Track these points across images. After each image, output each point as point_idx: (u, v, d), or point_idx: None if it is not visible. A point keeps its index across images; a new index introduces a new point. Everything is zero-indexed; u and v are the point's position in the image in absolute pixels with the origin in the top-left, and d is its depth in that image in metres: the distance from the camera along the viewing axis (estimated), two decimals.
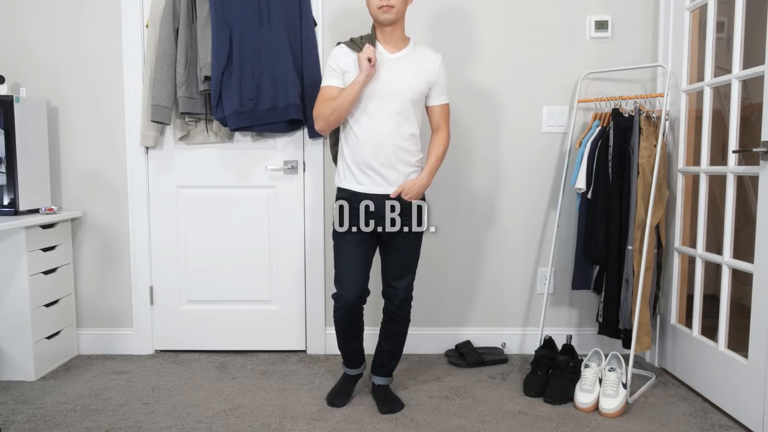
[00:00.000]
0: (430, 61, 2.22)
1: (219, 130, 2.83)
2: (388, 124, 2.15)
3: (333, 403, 2.33)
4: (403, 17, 2.19)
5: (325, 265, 2.93)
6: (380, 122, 2.14)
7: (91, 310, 2.97)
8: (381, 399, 2.33)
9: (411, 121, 2.19)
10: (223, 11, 2.61)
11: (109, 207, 2.93)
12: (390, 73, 2.16)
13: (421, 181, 2.21)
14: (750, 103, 3.59)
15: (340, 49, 2.21)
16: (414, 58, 2.21)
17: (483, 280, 2.96)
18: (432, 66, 2.22)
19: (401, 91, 2.15)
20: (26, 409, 2.32)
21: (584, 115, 2.88)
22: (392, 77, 2.16)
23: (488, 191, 2.92)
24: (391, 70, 2.17)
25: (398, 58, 2.19)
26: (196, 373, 2.72)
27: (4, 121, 2.57)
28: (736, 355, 2.23)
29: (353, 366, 2.39)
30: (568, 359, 2.49)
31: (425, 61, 2.22)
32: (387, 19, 2.13)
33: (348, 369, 2.40)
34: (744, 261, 2.23)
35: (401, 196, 2.20)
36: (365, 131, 2.15)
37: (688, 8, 2.57)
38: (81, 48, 2.86)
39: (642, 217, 2.50)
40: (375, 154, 2.15)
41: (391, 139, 2.15)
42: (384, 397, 2.33)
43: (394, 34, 2.19)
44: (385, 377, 2.37)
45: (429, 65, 2.22)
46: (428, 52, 2.25)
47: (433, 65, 2.22)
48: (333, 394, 2.36)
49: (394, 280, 2.26)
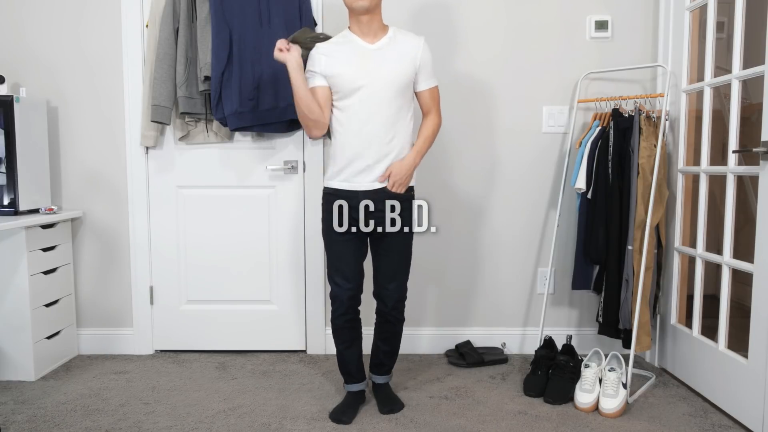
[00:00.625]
0: (412, 46, 2.14)
1: (219, 130, 2.83)
2: (376, 117, 2.09)
3: (339, 419, 2.19)
4: (379, 5, 2.12)
5: (324, 265, 2.93)
6: (368, 115, 2.09)
7: (91, 310, 2.97)
8: (381, 398, 2.32)
9: (400, 111, 2.13)
10: (223, 11, 2.61)
11: (109, 207, 2.93)
12: (370, 63, 2.10)
13: (408, 161, 2.14)
14: (750, 103, 3.59)
15: (320, 49, 2.15)
16: (395, 46, 2.13)
17: (483, 280, 2.96)
18: (415, 50, 2.14)
19: (386, 80, 2.09)
20: (26, 409, 2.32)
21: (584, 115, 2.88)
22: (374, 68, 2.10)
23: (488, 191, 2.92)
24: (372, 61, 2.11)
25: (378, 48, 2.13)
26: (196, 373, 2.72)
27: (4, 121, 2.57)
28: (736, 355, 2.23)
29: (355, 380, 2.31)
30: (568, 359, 2.49)
31: (407, 46, 2.14)
32: (361, 6, 2.05)
33: (350, 386, 2.32)
34: (744, 261, 2.23)
35: (390, 180, 2.13)
36: (353, 126, 2.11)
37: (688, 8, 2.57)
38: (81, 48, 2.86)
39: (642, 217, 2.50)
40: (364, 149, 2.11)
41: (380, 132, 2.10)
42: (384, 396, 2.32)
43: (372, 24, 2.12)
44: (384, 375, 2.37)
45: (412, 50, 2.14)
46: (409, 37, 2.17)
47: (416, 49, 2.14)
48: (338, 411, 2.23)
49: (387, 282, 2.22)
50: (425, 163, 2.89)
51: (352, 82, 2.09)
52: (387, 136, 2.12)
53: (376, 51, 2.13)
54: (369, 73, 2.10)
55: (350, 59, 2.11)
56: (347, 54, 2.12)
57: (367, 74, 2.09)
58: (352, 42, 2.15)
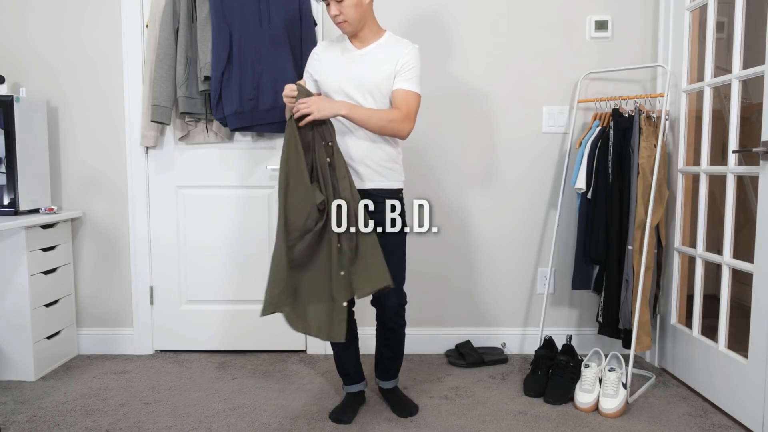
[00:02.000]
0: (397, 51, 2.10)
1: (219, 130, 2.83)
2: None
3: (339, 419, 2.20)
4: (366, 19, 2.09)
5: None
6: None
7: (91, 310, 2.97)
8: (395, 403, 2.30)
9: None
10: (223, 11, 2.61)
11: (109, 207, 2.93)
12: (352, 68, 2.11)
13: (333, 101, 2.04)
14: (750, 103, 3.59)
15: (316, 49, 2.19)
16: (381, 51, 2.12)
17: (483, 280, 2.96)
18: (398, 55, 2.09)
19: (365, 84, 2.08)
20: (26, 409, 2.32)
21: (584, 115, 2.88)
22: (356, 72, 2.10)
23: (488, 191, 2.92)
24: (353, 65, 2.11)
25: (363, 53, 2.13)
26: (196, 373, 2.72)
27: (4, 121, 2.57)
28: (736, 355, 2.23)
29: (354, 381, 2.31)
30: (568, 359, 2.49)
31: (393, 51, 2.10)
32: (347, 32, 2.11)
33: (349, 387, 2.32)
34: (744, 261, 2.23)
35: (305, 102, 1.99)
36: (338, 127, 2.10)
37: (688, 8, 2.57)
38: (81, 48, 2.86)
39: (642, 217, 2.50)
40: (346, 151, 2.09)
41: (359, 134, 2.10)
42: (398, 400, 2.31)
43: (362, 33, 2.12)
44: (391, 380, 2.34)
45: (395, 55, 2.09)
46: (400, 44, 2.13)
47: (400, 54, 2.09)
48: (338, 411, 2.24)
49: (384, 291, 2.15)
50: (425, 164, 2.89)
51: (334, 84, 2.11)
52: (365, 139, 2.10)
53: (361, 56, 2.13)
54: (351, 76, 2.10)
55: (334, 63, 2.13)
56: (334, 57, 2.15)
57: (350, 77, 2.10)
58: (342, 46, 2.17)
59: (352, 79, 2.09)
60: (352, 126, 2.09)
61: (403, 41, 2.16)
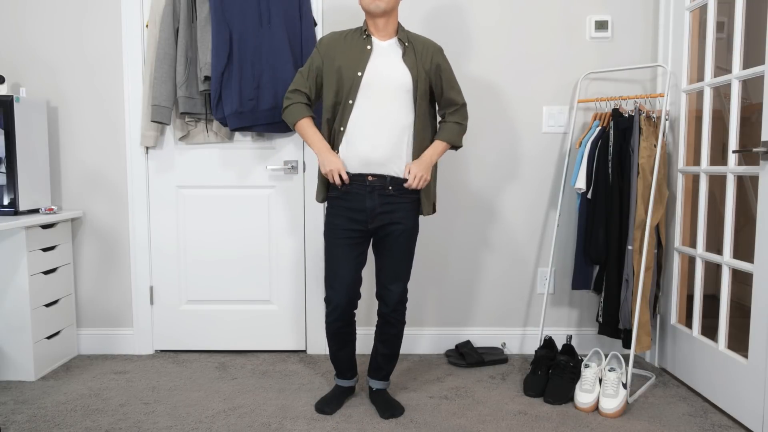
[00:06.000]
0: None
1: (219, 130, 2.83)
2: (381, 112, 2.09)
3: (322, 410, 2.27)
4: (396, 8, 2.11)
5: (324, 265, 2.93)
6: (374, 112, 2.09)
7: (91, 310, 2.97)
8: (380, 404, 2.30)
9: (405, 110, 2.12)
10: (223, 11, 2.61)
11: (109, 207, 2.93)
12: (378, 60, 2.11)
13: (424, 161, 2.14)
14: (750, 103, 3.59)
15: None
16: (405, 46, 2.14)
17: (483, 280, 2.96)
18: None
19: (395, 79, 2.10)
20: (26, 409, 2.32)
21: (584, 115, 2.89)
22: (382, 66, 2.10)
23: (488, 191, 2.92)
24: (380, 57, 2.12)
25: (390, 45, 2.14)
26: (196, 373, 2.72)
27: (4, 121, 2.57)
28: (736, 355, 2.23)
29: (346, 377, 2.35)
30: (568, 359, 2.49)
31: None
32: (378, 8, 2.05)
33: (340, 380, 2.36)
34: (744, 261, 2.23)
35: (410, 178, 2.11)
36: (359, 123, 2.10)
37: (688, 8, 2.57)
38: (81, 48, 2.86)
39: (642, 217, 2.50)
40: (372, 147, 2.10)
41: (384, 129, 2.10)
42: (383, 401, 2.30)
43: (387, 26, 2.12)
44: (382, 381, 2.34)
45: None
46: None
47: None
48: (323, 401, 2.31)
49: (389, 282, 2.21)
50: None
51: (362, 77, 2.11)
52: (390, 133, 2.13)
53: (387, 47, 2.14)
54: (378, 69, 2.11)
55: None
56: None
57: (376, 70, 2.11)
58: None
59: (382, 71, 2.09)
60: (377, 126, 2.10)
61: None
